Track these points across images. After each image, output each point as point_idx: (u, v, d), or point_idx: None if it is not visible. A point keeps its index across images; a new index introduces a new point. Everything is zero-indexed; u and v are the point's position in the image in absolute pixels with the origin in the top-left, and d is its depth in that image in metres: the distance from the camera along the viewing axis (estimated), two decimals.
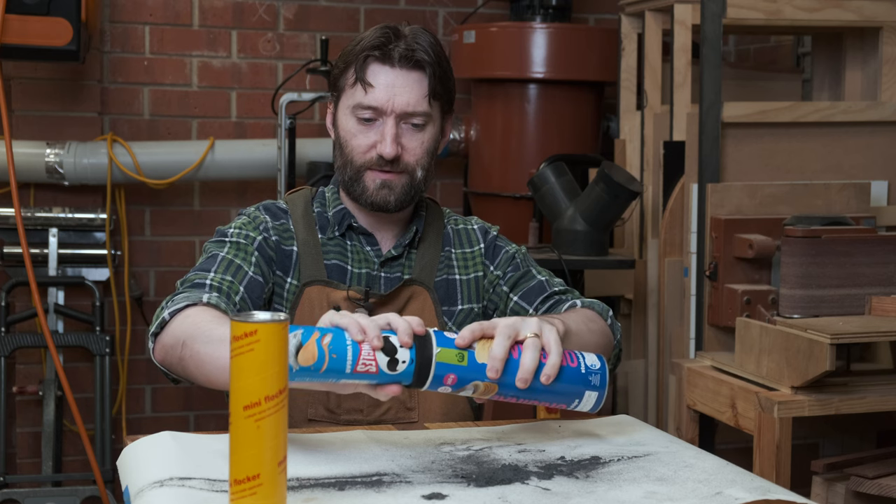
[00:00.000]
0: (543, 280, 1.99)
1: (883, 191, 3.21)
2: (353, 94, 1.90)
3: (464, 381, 1.49)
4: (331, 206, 1.98)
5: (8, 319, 3.80)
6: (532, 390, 1.52)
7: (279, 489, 1.29)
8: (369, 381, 1.45)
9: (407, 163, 1.90)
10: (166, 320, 1.71)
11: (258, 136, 4.24)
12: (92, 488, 3.67)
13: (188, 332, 1.66)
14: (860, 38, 3.36)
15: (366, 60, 1.88)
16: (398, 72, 1.87)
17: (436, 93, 1.90)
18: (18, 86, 3.96)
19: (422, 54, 1.88)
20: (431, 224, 2.02)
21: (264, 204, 1.98)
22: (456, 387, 1.49)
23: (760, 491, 1.42)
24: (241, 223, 1.93)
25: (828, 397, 2.48)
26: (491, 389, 1.51)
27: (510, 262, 2.01)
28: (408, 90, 1.87)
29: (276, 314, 1.31)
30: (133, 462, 1.52)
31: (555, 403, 1.56)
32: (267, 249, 1.90)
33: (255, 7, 4.23)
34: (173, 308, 1.71)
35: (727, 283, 2.88)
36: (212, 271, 1.83)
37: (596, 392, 1.55)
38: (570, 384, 1.54)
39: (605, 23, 4.42)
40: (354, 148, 1.90)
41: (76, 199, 3.99)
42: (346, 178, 1.92)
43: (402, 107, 1.87)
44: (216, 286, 1.80)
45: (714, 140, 3.02)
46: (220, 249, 1.87)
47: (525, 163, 3.87)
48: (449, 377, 1.48)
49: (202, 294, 1.75)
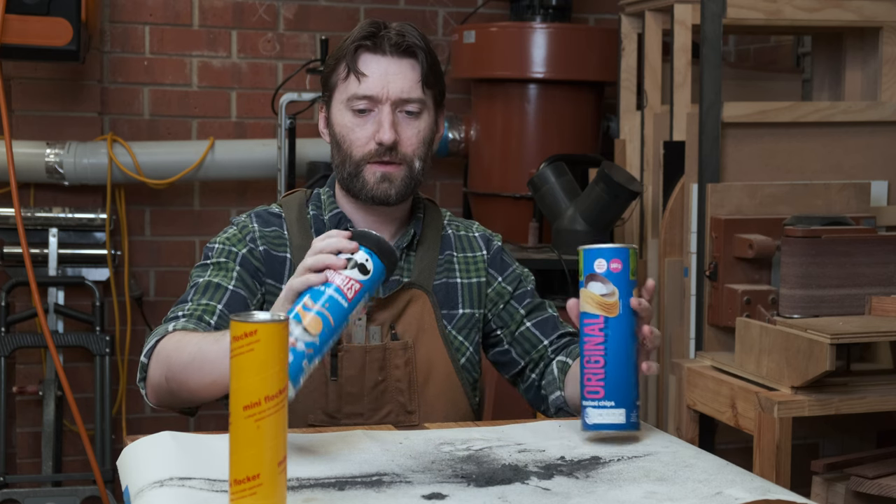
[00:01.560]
0: (556, 316, 2.03)
1: (883, 191, 3.21)
2: (346, 87, 1.89)
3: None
4: (326, 210, 1.97)
5: (8, 319, 3.80)
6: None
7: (279, 489, 1.29)
8: (364, 297, 1.52)
9: (405, 153, 1.89)
10: (145, 363, 1.75)
11: (258, 136, 4.24)
12: (92, 488, 3.67)
13: (164, 365, 1.71)
14: (860, 38, 3.36)
15: (357, 51, 1.88)
16: (390, 59, 1.87)
17: (428, 80, 1.90)
18: (18, 86, 3.96)
19: (413, 40, 1.88)
20: (429, 226, 2.00)
21: (256, 211, 1.97)
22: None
23: (760, 491, 1.42)
24: (227, 237, 1.92)
25: (828, 397, 2.47)
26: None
27: (520, 282, 2.03)
28: (401, 76, 1.87)
29: (276, 314, 1.32)
30: (133, 462, 1.52)
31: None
32: (251, 261, 1.90)
33: (255, 7, 4.23)
34: (146, 349, 1.76)
35: (727, 283, 2.88)
36: (188, 301, 1.85)
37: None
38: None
39: (605, 23, 4.42)
40: (353, 142, 1.89)
41: (76, 199, 3.99)
42: (346, 175, 1.91)
43: (398, 93, 1.87)
44: (188, 314, 1.82)
45: (714, 140, 3.02)
46: (202, 276, 1.89)
47: (525, 163, 3.87)
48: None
49: (169, 325, 1.78)
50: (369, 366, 1.89)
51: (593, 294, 1.60)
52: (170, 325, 1.78)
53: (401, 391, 1.90)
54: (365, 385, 1.89)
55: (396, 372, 1.90)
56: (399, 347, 1.90)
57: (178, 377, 1.68)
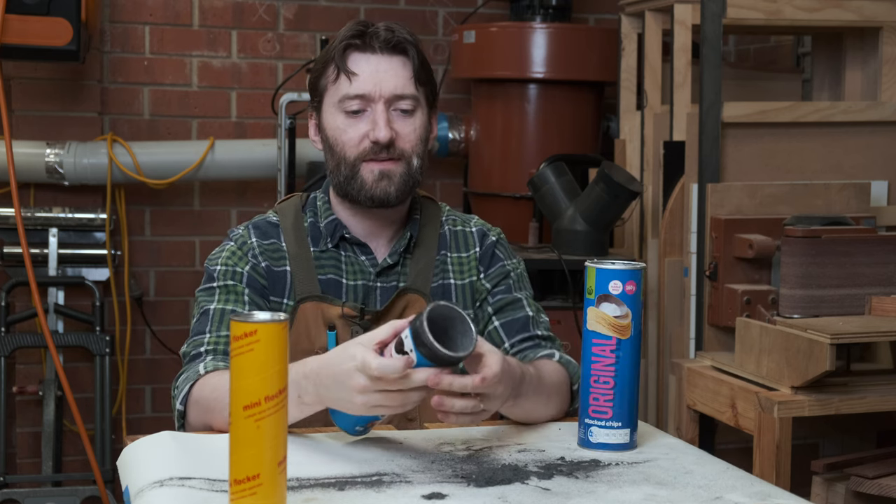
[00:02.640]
0: (530, 316, 1.93)
1: (883, 191, 3.21)
2: (336, 89, 1.85)
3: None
4: (322, 217, 1.92)
5: (8, 319, 3.79)
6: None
7: (279, 489, 1.29)
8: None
9: (403, 149, 1.84)
10: (182, 412, 1.73)
11: (258, 136, 4.23)
12: (92, 488, 3.67)
13: (204, 411, 1.69)
14: (860, 38, 3.36)
15: (346, 51, 1.84)
16: (381, 57, 1.83)
17: (420, 77, 1.86)
18: (18, 86, 3.96)
19: (403, 36, 1.84)
20: (426, 226, 1.95)
21: (254, 223, 1.93)
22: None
23: (760, 496, 1.42)
24: (228, 256, 1.88)
25: (828, 397, 2.47)
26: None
27: (503, 279, 1.94)
28: (393, 74, 1.83)
29: (276, 314, 1.31)
30: (133, 462, 1.52)
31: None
32: (257, 279, 1.87)
33: (255, 7, 4.23)
34: (181, 397, 1.73)
35: (727, 283, 2.88)
36: (206, 332, 1.81)
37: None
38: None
39: (605, 23, 4.42)
40: (346, 142, 1.85)
41: (76, 199, 3.99)
42: (342, 179, 1.86)
43: (391, 90, 1.82)
44: (211, 349, 1.79)
45: (714, 140, 3.02)
46: (210, 301, 1.85)
47: (525, 163, 3.87)
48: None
49: (199, 366, 1.75)
50: None
51: (606, 315, 1.58)
52: (199, 366, 1.75)
53: None
54: None
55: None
56: None
57: (221, 420, 1.64)
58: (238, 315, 1.30)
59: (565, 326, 3.27)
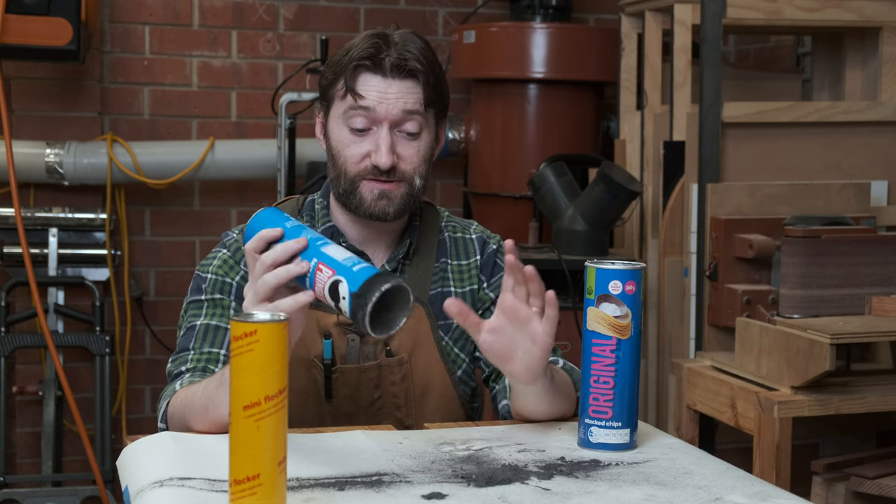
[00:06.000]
0: None
1: (883, 191, 3.21)
2: (343, 104, 1.83)
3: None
4: (319, 222, 1.91)
5: (8, 319, 3.79)
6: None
7: (279, 489, 1.29)
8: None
9: (404, 171, 1.83)
10: (164, 429, 1.73)
11: (258, 136, 4.23)
12: (92, 488, 3.67)
13: (181, 424, 1.69)
14: (860, 38, 3.36)
15: (356, 70, 1.81)
16: (390, 81, 1.80)
17: (430, 101, 1.83)
18: (18, 86, 3.96)
19: (414, 63, 1.81)
20: (426, 233, 1.94)
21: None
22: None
23: (760, 496, 1.42)
24: (219, 265, 1.86)
25: (828, 397, 2.48)
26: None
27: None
28: (401, 99, 1.80)
29: (276, 314, 1.31)
30: (133, 462, 1.52)
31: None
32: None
33: (255, 7, 4.23)
34: (160, 415, 1.74)
35: (727, 283, 2.88)
36: (190, 349, 1.80)
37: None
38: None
39: (605, 23, 4.42)
40: (347, 158, 1.83)
41: (76, 199, 3.99)
42: (341, 191, 1.85)
43: (396, 115, 1.80)
44: (192, 367, 1.78)
45: (714, 140, 3.02)
46: (198, 316, 1.83)
47: (525, 163, 3.87)
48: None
49: (176, 384, 1.75)
50: (364, 384, 1.85)
51: (606, 315, 1.58)
52: (176, 384, 1.75)
53: (398, 406, 1.87)
54: (360, 403, 1.85)
55: (393, 388, 1.86)
56: (395, 363, 1.86)
57: (200, 425, 1.65)
58: (238, 315, 1.29)
59: (565, 326, 3.26)
